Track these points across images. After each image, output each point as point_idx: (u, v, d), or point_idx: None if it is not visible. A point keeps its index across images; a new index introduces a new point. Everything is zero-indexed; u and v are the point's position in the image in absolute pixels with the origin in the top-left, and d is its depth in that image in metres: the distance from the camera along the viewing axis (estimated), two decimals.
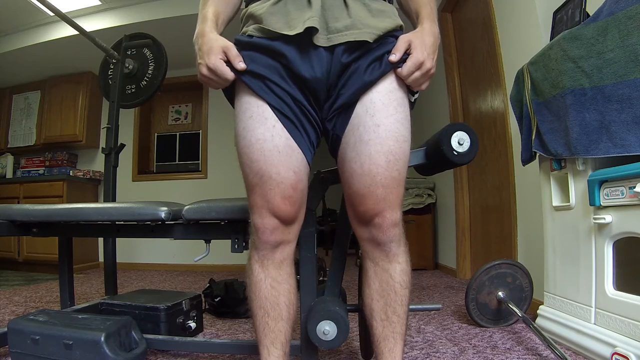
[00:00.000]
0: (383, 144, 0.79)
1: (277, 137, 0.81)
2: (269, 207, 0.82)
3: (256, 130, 0.81)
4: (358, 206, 0.84)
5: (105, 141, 2.05)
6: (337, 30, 0.78)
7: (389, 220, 0.82)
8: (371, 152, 0.79)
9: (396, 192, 0.82)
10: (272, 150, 0.80)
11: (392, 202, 0.82)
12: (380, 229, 0.83)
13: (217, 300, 1.92)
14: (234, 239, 1.25)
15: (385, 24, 0.81)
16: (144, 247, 3.96)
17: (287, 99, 0.81)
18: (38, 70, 4.04)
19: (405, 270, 0.88)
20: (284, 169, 0.81)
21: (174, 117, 4.48)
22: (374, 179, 0.80)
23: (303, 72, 0.80)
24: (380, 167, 0.79)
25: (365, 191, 0.81)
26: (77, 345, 1.13)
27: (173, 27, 3.22)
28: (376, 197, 0.81)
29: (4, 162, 4.15)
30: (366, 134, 0.80)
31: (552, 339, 1.26)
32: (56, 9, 1.90)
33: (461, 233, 2.92)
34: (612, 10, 1.12)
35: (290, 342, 0.93)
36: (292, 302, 0.90)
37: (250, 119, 0.82)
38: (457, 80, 3.01)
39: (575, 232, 1.32)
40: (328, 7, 0.79)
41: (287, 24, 0.79)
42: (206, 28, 0.83)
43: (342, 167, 0.86)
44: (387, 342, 0.88)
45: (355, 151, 0.81)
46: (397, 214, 0.83)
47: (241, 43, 0.84)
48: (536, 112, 1.40)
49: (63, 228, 1.47)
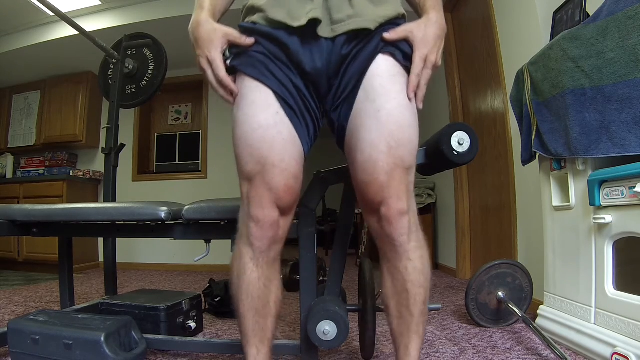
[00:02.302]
0: (383, 129, 0.76)
1: (281, 124, 0.79)
2: (272, 196, 0.79)
3: (259, 116, 0.78)
4: (364, 196, 0.81)
5: (105, 141, 2.05)
6: (341, 20, 0.78)
7: (395, 209, 0.78)
8: (372, 138, 0.77)
9: (401, 179, 0.78)
10: (276, 137, 0.78)
11: (397, 190, 0.78)
12: (387, 220, 0.79)
13: (217, 300, 1.92)
14: (234, 239, 1.25)
15: (387, 11, 0.80)
16: (144, 247, 3.96)
17: (289, 86, 0.80)
18: (38, 70, 4.03)
19: (418, 268, 0.83)
20: (287, 157, 0.79)
21: (174, 117, 4.48)
22: (376, 165, 0.77)
23: (305, 63, 0.79)
24: (381, 153, 0.76)
25: (369, 178, 0.78)
26: (77, 345, 1.13)
27: (173, 27, 3.22)
28: (379, 185, 0.77)
29: (4, 162, 4.15)
30: (367, 119, 0.78)
31: (552, 339, 1.26)
32: (56, 9, 1.90)
33: (461, 233, 2.92)
34: (612, 10, 1.12)
35: (280, 339, 0.92)
36: (279, 298, 0.89)
37: (252, 104, 0.79)
38: (457, 80, 3.01)
39: (575, 232, 1.32)
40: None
41: (290, 15, 0.78)
42: (202, 16, 0.81)
43: (348, 157, 0.84)
44: (403, 338, 0.87)
45: (356, 138, 0.79)
46: (403, 203, 0.78)
47: (245, 29, 0.82)
48: (536, 112, 1.40)
49: (63, 228, 1.47)
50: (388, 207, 0.78)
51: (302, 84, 0.81)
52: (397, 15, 0.82)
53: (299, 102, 0.81)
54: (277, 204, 0.80)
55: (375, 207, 0.80)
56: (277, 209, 0.81)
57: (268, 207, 0.80)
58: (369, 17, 0.78)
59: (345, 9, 0.78)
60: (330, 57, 0.79)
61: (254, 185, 0.80)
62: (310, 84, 0.81)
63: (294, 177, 0.80)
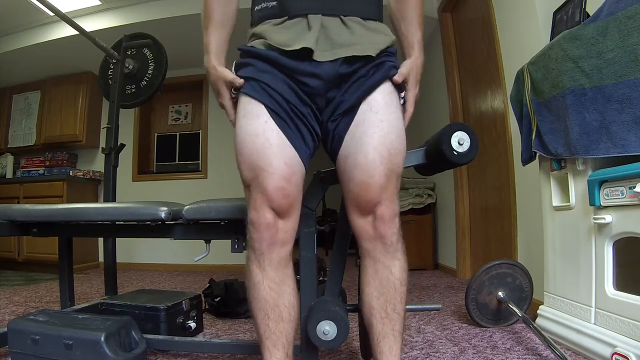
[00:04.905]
0: (386, 137, 0.85)
1: (269, 131, 0.85)
2: (264, 198, 0.84)
3: (249, 127, 0.86)
4: (361, 196, 0.87)
5: (105, 141, 2.05)
6: (341, 45, 0.85)
7: (390, 210, 0.86)
8: (376, 143, 0.85)
9: (395, 184, 0.88)
10: (264, 144, 0.84)
11: (392, 194, 0.87)
12: (383, 220, 0.86)
13: (217, 300, 1.92)
14: (234, 239, 1.25)
15: (384, 40, 0.89)
16: (143, 247, 3.96)
17: (279, 98, 0.86)
18: (38, 70, 4.03)
19: (404, 267, 0.91)
20: (275, 161, 0.84)
21: (174, 117, 4.48)
22: (377, 168, 0.85)
23: (299, 79, 0.86)
24: (383, 158, 0.85)
25: (370, 180, 0.85)
26: (77, 345, 1.13)
27: (173, 27, 3.22)
28: (379, 186, 0.85)
29: (4, 162, 4.15)
30: (371, 127, 0.86)
31: (552, 339, 1.26)
32: (56, 9, 1.90)
33: (461, 233, 2.92)
34: (612, 10, 1.12)
35: (293, 343, 0.93)
36: (292, 303, 0.90)
37: (244, 117, 0.87)
38: (457, 80, 3.01)
39: (575, 232, 1.32)
40: (329, 28, 0.85)
41: (289, 41, 0.85)
42: (210, 63, 0.91)
43: (344, 162, 0.89)
44: (387, 339, 0.89)
45: (360, 143, 0.86)
46: (396, 206, 0.88)
47: (243, 51, 0.91)
48: (536, 112, 1.40)
49: (63, 228, 1.47)
50: (385, 207, 0.86)
51: (295, 98, 0.87)
52: (391, 44, 0.91)
53: (289, 113, 0.87)
54: (270, 206, 0.85)
55: (371, 207, 0.87)
56: (272, 211, 0.85)
57: (262, 210, 0.85)
58: (370, 45, 0.86)
59: (345, 36, 0.86)
60: (329, 75, 0.86)
61: (250, 191, 0.87)
62: (307, 97, 0.88)
63: (284, 179, 0.85)
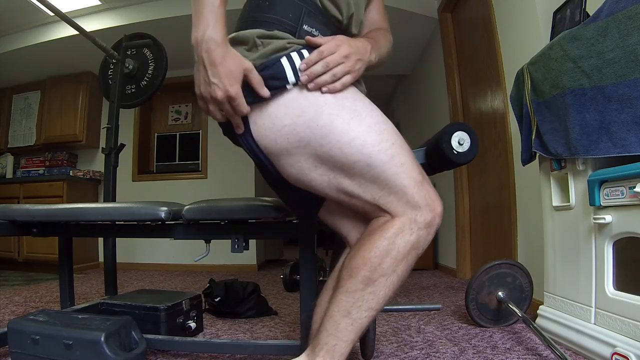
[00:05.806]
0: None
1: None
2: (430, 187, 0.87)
3: (383, 115, 0.81)
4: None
5: (105, 141, 2.05)
6: None
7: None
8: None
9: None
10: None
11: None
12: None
13: (217, 300, 1.92)
14: (234, 239, 1.25)
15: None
16: (143, 247, 3.96)
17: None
18: (38, 70, 4.03)
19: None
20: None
21: (174, 117, 4.48)
22: None
23: None
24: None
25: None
26: (77, 345, 1.13)
27: (173, 27, 3.22)
28: None
29: (4, 162, 4.15)
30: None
31: (552, 339, 1.26)
32: (56, 9, 1.90)
33: (461, 233, 2.92)
34: (612, 10, 1.12)
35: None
36: None
37: (370, 104, 0.80)
38: (457, 80, 3.01)
39: (575, 232, 1.32)
40: None
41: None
42: (219, 35, 0.67)
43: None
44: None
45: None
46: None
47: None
48: (536, 112, 1.40)
49: (63, 228, 1.47)
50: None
51: None
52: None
53: None
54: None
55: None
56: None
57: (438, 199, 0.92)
58: None
59: None
60: None
61: (423, 185, 0.90)
62: None
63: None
